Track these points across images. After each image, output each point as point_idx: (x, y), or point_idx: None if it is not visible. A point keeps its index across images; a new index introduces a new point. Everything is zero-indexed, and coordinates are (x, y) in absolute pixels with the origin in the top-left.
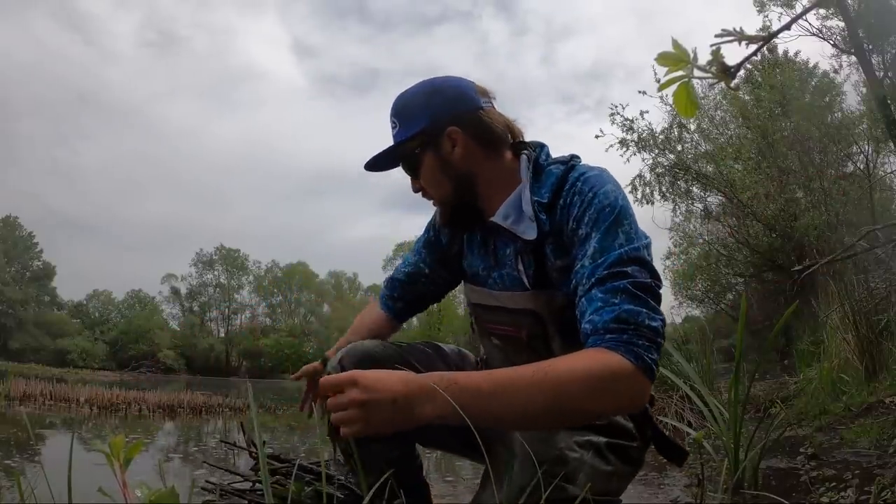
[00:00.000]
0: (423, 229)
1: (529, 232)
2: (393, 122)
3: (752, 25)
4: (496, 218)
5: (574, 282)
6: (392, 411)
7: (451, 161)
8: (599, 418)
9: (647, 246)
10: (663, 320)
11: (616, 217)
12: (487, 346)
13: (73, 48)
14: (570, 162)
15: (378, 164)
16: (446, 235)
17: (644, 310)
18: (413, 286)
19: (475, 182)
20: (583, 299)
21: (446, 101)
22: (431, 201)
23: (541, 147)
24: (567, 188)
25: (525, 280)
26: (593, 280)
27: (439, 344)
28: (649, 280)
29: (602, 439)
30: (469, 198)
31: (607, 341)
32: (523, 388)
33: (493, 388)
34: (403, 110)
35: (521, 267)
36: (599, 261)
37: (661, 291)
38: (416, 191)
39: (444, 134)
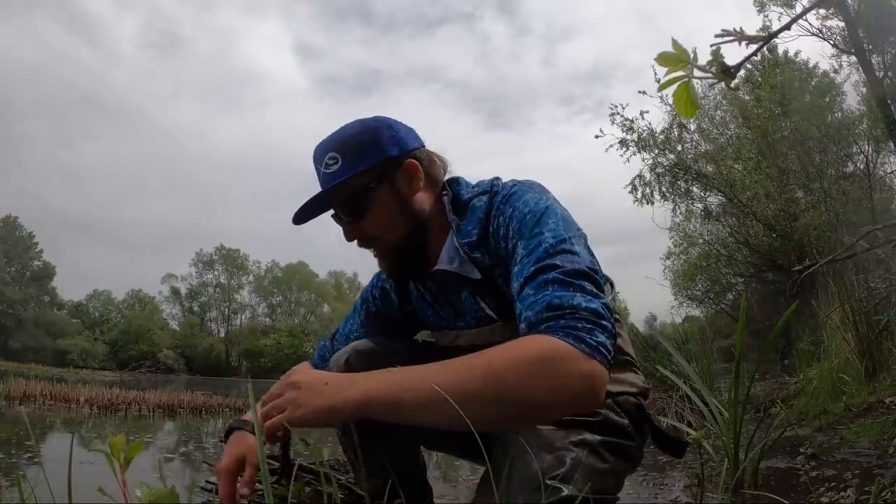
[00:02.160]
0: (359, 302)
1: (474, 272)
2: (332, 159)
3: (753, 25)
4: (441, 264)
5: (512, 290)
6: (322, 393)
7: (407, 198)
8: (551, 410)
9: (579, 237)
10: (605, 304)
11: (538, 219)
12: None
13: (76, 49)
14: (493, 188)
15: (310, 210)
16: (395, 300)
17: (578, 293)
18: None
19: (425, 224)
20: (518, 302)
21: (400, 135)
22: (371, 250)
23: (456, 182)
24: (493, 214)
25: (492, 314)
26: (522, 279)
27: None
28: (582, 266)
29: (597, 437)
30: (419, 243)
31: (543, 330)
32: (453, 372)
33: (424, 373)
34: (347, 146)
35: (483, 304)
36: (526, 261)
37: (598, 277)
38: (352, 238)
39: (402, 168)
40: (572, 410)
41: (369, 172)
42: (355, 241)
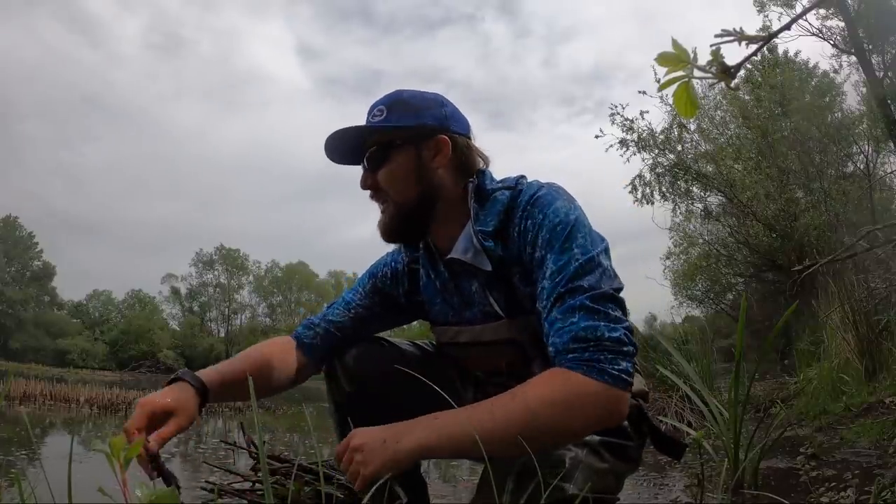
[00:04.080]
0: (367, 275)
1: (487, 263)
2: (379, 111)
3: (753, 25)
4: (455, 253)
5: (539, 305)
6: (383, 450)
7: (427, 168)
8: (580, 437)
9: (605, 251)
10: (627, 327)
11: (569, 233)
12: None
13: (77, 50)
14: (517, 186)
15: (345, 150)
16: (405, 284)
17: (602, 322)
18: (354, 331)
19: (437, 200)
20: (545, 321)
21: (446, 114)
22: (380, 205)
23: (482, 172)
24: (519, 214)
25: (498, 310)
26: (552, 300)
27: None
28: (607, 288)
29: (595, 438)
30: (425, 214)
31: (569, 361)
32: (496, 419)
33: (468, 417)
34: (398, 103)
35: (491, 299)
36: (557, 279)
37: (621, 295)
38: (365, 185)
39: (432, 140)
40: (600, 429)
41: (400, 131)
42: (368, 191)
